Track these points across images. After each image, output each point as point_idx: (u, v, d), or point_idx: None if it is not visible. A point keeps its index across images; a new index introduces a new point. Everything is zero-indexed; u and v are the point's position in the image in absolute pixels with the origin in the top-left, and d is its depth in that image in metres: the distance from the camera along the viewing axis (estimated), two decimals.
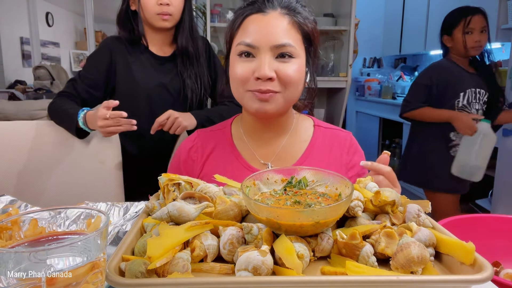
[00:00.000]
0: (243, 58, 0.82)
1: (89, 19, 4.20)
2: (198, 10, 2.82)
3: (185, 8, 1.39)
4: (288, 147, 0.92)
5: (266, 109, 0.82)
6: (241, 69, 0.81)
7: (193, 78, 1.43)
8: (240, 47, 0.81)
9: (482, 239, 0.72)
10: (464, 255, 0.46)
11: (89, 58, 1.43)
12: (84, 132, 1.27)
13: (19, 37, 4.83)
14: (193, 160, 0.94)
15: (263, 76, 0.78)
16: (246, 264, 0.44)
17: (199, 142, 0.96)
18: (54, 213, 0.43)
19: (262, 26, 0.80)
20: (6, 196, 0.78)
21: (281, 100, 0.82)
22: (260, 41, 0.79)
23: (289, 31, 0.81)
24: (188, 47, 1.41)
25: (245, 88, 0.82)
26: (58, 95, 1.36)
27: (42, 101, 2.18)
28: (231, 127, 0.97)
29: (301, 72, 0.83)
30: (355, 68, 4.74)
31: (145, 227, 0.55)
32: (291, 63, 0.81)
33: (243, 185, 0.55)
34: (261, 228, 0.50)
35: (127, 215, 0.73)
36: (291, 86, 0.81)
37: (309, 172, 0.63)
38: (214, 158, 0.93)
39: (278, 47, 0.79)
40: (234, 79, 0.84)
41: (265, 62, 0.79)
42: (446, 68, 1.96)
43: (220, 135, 0.96)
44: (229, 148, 0.93)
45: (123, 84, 1.39)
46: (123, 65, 1.39)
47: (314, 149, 0.92)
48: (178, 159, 0.96)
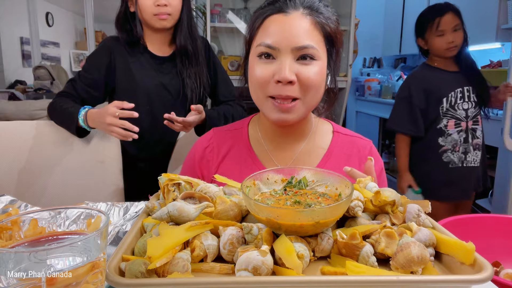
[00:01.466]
0: (263, 60, 0.79)
1: (89, 19, 4.19)
2: (198, 10, 2.82)
3: (183, 7, 1.38)
4: (306, 153, 0.90)
5: (287, 119, 0.80)
6: (260, 71, 0.79)
7: (193, 78, 1.43)
8: (260, 48, 0.79)
9: (482, 239, 0.72)
10: (464, 255, 0.46)
11: (88, 58, 1.43)
12: (83, 131, 1.27)
13: (19, 37, 4.84)
14: (208, 160, 0.92)
15: (284, 79, 0.76)
16: (246, 264, 0.44)
17: (215, 142, 0.94)
18: (54, 213, 0.43)
19: (284, 27, 0.78)
20: (6, 196, 0.78)
21: (302, 109, 0.80)
22: (281, 42, 0.77)
23: (311, 32, 0.78)
24: (187, 46, 1.41)
25: (265, 93, 0.80)
26: (58, 95, 1.36)
27: (42, 101, 2.18)
28: (248, 128, 0.95)
29: (322, 75, 0.80)
30: (355, 68, 4.74)
31: (145, 227, 0.55)
32: (312, 65, 0.78)
33: (243, 185, 0.55)
34: (261, 228, 0.50)
35: (127, 215, 0.73)
36: (311, 90, 0.79)
37: (309, 172, 0.63)
38: (230, 159, 0.91)
39: (299, 49, 0.77)
40: (253, 81, 0.82)
41: (286, 65, 0.76)
42: (423, 77, 1.91)
43: (236, 136, 0.94)
44: (245, 150, 0.91)
45: (123, 84, 1.39)
46: (123, 65, 1.39)
47: (332, 157, 0.90)
48: (193, 158, 0.94)
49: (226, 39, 2.81)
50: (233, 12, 2.67)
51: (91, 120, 1.21)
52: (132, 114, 1.14)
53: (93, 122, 1.21)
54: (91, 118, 1.21)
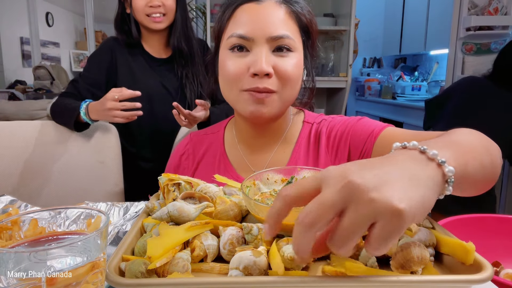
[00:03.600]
0: (236, 53, 0.73)
1: (89, 19, 4.19)
2: (198, 10, 2.82)
3: (177, 7, 1.37)
4: (279, 153, 0.85)
5: (262, 112, 0.74)
6: (233, 65, 0.72)
7: (190, 78, 1.43)
8: (232, 39, 0.72)
9: (482, 239, 0.72)
10: (464, 255, 0.46)
11: (90, 58, 1.43)
12: (83, 125, 1.27)
13: (19, 37, 4.84)
14: (184, 168, 0.90)
15: (261, 72, 0.70)
16: (237, 263, 0.44)
17: (191, 148, 0.91)
18: (54, 213, 0.43)
19: (257, 15, 0.72)
20: (6, 196, 0.78)
21: (278, 102, 0.74)
22: (255, 32, 0.71)
23: (287, 21, 0.73)
24: (182, 47, 1.40)
25: (239, 87, 0.74)
26: (60, 96, 1.36)
27: (42, 101, 2.18)
28: (225, 131, 0.91)
29: (299, 68, 0.75)
30: (355, 68, 4.74)
31: (145, 227, 0.55)
32: (289, 57, 0.73)
33: (243, 185, 0.55)
34: (261, 228, 0.50)
35: (127, 215, 0.73)
36: (289, 83, 0.73)
37: (309, 172, 0.63)
38: (204, 165, 0.88)
39: (275, 39, 0.71)
40: (225, 77, 0.75)
41: (262, 56, 0.70)
42: None
43: (212, 140, 0.90)
44: (219, 155, 0.87)
45: (124, 83, 1.39)
46: (124, 65, 1.39)
47: (301, 149, 0.84)
48: (170, 166, 0.92)
49: None
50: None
51: (94, 112, 1.21)
52: (134, 105, 1.14)
53: (96, 113, 1.21)
54: (93, 109, 1.21)
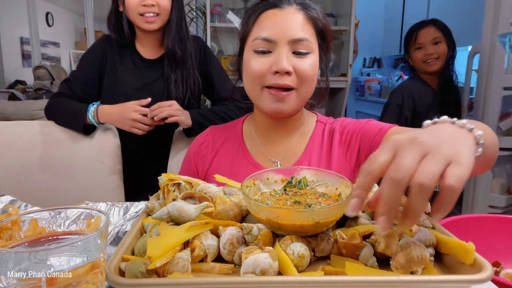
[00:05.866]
0: (259, 55, 0.82)
1: (89, 19, 4.19)
2: (198, 10, 2.82)
3: (173, 8, 1.32)
4: (295, 145, 0.93)
5: (282, 109, 0.83)
6: (257, 65, 0.81)
7: (179, 81, 1.37)
8: (257, 42, 0.82)
9: (482, 239, 0.72)
10: (464, 255, 0.46)
11: (82, 57, 1.41)
12: (90, 128, 1.28)
13: (19, 37, 4.84)
14: (203, 155, 0.96)
15: (282, 70, 0.78)
16: (254, 267, 0.43)
17: (211, 138, 0.98)
18: (54, 213, 0.43)
19: (279, 20, 0.81)
20: (6, 196, 0.78)
21: (296, 99, 0.83)
22: (277, 35, 0.80)
23: (305, 26, 0.83)
24: (175, 49, 1.33)
25: (261, 83, 0.82)
26: (55, 96, 1.34)
27: (42, 101, 2.19)
28: (243, 125, 0.99)
29: (315, 68, 0.84)
30: (355, 68, 4.74)
31: (145, 227, 0.55)
32: (307, 58, 0.82)
33: (243, 185, 0.55)
34: (261, 229, 0.50)
35: (127, 215, 0.73)
36: (306, 81, 0.82)
37: (309, 172, 0.63)
38: (222, 153, 0.95)
39: (295, 42, 0.80)
40: (250, 75, 0.84)
41: (283, 55, 0.79)
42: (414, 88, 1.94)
43: (231, 132, 0.98)
44: (238, 145, 0.95)
45: (107, 84, 1.37)
46: (111, 65, 1.37)
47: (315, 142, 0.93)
48: (190, 153, 0.99)
49: (226, 39, 2.81)
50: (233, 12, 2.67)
51: (106, 116, 1.23)
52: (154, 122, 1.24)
53: (109, 117, 1.23)
54: (105, 113, 1.23)
